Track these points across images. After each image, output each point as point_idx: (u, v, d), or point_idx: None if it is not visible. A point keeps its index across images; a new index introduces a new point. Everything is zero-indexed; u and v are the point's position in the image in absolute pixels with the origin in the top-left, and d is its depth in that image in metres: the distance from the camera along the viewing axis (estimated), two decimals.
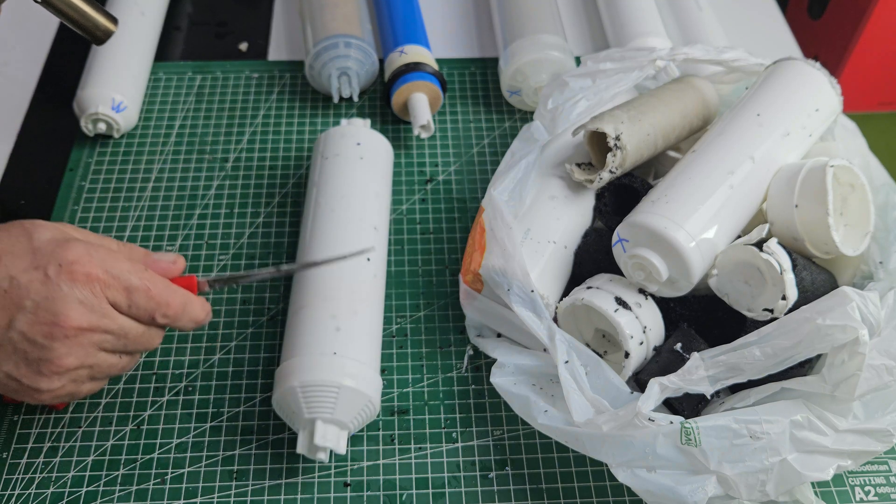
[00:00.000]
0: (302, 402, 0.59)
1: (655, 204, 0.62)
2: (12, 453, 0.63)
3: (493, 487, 0.63)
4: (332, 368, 0.60)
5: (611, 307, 0.62)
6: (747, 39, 0.97)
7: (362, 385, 0.60)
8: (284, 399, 0.60)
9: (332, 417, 0.59)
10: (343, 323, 0.63)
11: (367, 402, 0.61)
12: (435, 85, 0.84)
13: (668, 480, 0.56)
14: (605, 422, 0.57)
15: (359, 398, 0.60)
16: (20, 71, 0.92)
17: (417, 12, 0.92)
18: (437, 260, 0.77)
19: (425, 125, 0.81)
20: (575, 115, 0.72)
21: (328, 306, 0.63)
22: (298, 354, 0.61)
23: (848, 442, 0.57)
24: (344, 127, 0.76)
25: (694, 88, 0.76)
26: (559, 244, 0.68)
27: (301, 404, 0.59)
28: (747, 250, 0.60)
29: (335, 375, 0.59)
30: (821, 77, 0.70)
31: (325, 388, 0.59)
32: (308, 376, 0.59)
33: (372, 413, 0.62)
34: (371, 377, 0.61)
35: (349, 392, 0.59)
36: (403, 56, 0.85)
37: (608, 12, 0.96)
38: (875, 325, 0.56)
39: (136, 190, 0.81)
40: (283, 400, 0.60)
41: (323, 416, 0.59)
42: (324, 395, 0.59)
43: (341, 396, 0.59)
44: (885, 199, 0.70)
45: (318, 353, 0.60)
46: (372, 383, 0.61)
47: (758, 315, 0.61)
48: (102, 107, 0.81)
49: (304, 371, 0.60)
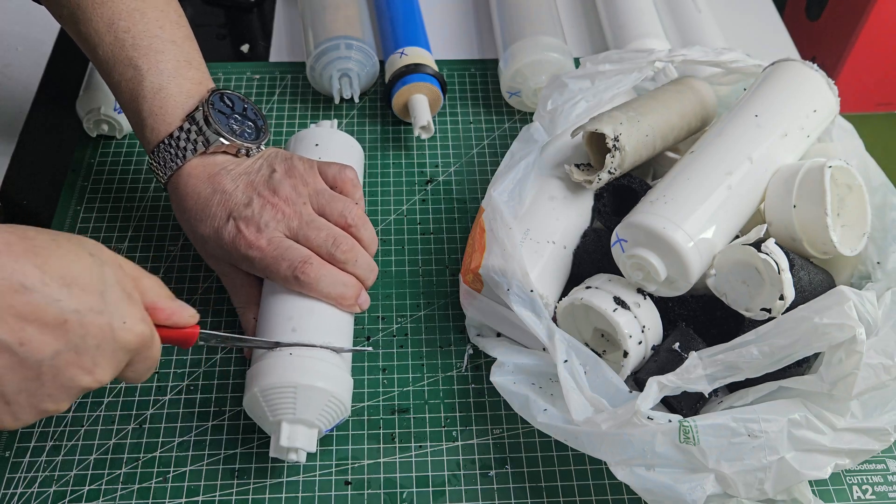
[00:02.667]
0: (264, 406, 0.60)
1: (654, 204, 0.63)
2: (15, 452, 0.64)
3: (493, 486, 0.64)
4: (287, 369, 0.60)
5: (609, 307, 0.62)
6: (745, 41, 0.97)
7: (321, 382, 0.60)
8: (250, 405, 0.61)
9: (296, 417, 0.59)
10: (299, 323, 0.63)
11: (330, 399, 0.60)
12: (435, 86, 0.84)
13: (667, 479, 0.57)
14: (604, 420, 0.57)
15: (320, 395, 0.60)
16: (22, 72, 0.92)
17: (418, 14, 0.93)
18: (437, 260, 0.77)
19: (425, 126, 0.81)
20: (574, 117, 0.72)
21: (285, 308, 0.64)
22: (258, 360, 0.62)
23: (846, 441, 0.58)
24: (306, 130, 0.77)
25: (692, 90, 0.76)
26: (558, 244, 0.68)
27: (264, 408, 0.60)
28: (745, 250, 0.61)
29: (291, 375, 0.59)
30: (819, 78, 0.71)
31: (283, 390, 0.59)
32: (266, 380, 0.60)
33: (341, 409, 0.62)
34: (332, 373, 0.61)
35: (307, 390, 0.59)
36: (404, 57, 0.85)
37: (607, 14, 0.96)
38: (872, 324, 0.57)
39: (139, 191, 0.81)
40: (250, 406, 0.61)
41: (287, 418, 0.59)
42: (282, 396, 0.59)
43: (300, 396, 0.59)
44: (883, 199, 0.70)
45: (275, 355, 0.61)
46: (334, 379, 0.61)
47: (756, 315, 0.61)
48: (105, 108, 0.82)
49: (262, 375, 0.60)
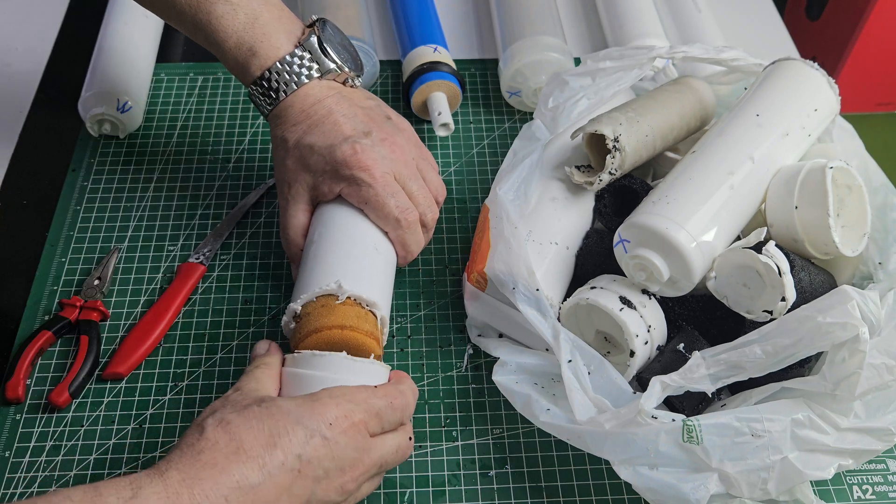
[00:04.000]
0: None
1: (656, 205, 0.62)
2: (15, 452, 0.64)
3: (493, 486, 0.63)
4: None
5: (616, 306, 0.62)
6: (745, 41, 0.97)
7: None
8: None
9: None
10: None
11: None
12: (454, 84, 0.84)
13: (670, 478, 0.56)
14: (608, 419, 0.57)
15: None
16: (23, 71, 0.92)
17: (433, 12, 0.93)
18: (437, 260, 0.77)
19: (447, 123, 0.81)
20: (576, 114, 0.72)
21: (366, 236, 0.67)
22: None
23: (849, 441, 0.58)
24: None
25: (691, 89, 0.76)
26: (561, 245, 0.68)
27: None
28: (746, 254, 0.61)
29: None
30: (819, 77, 0.71)
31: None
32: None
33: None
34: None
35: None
36: (436, 54, 0.85)
37: (607, 14, 0.96)
38: (875, 324, 0.57)
39: (138, 190, 0.81)
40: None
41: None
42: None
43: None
44: (884, 200, 0.70)
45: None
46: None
47: (757, 316, 0.61)
48: (108, 108, 0.81)
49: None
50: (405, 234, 0.67)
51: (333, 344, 0.60)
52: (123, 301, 0.73)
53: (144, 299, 0.73)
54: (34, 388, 0.67)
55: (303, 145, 0.67)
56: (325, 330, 0.60)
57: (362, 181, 0.65)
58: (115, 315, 0.72)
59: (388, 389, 0.58)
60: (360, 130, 0.67)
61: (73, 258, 0.75)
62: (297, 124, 0.67)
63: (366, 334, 0.61)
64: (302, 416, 0.53)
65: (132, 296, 0.73)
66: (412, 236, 0.68)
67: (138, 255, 0.76)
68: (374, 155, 0.66)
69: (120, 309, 0.72)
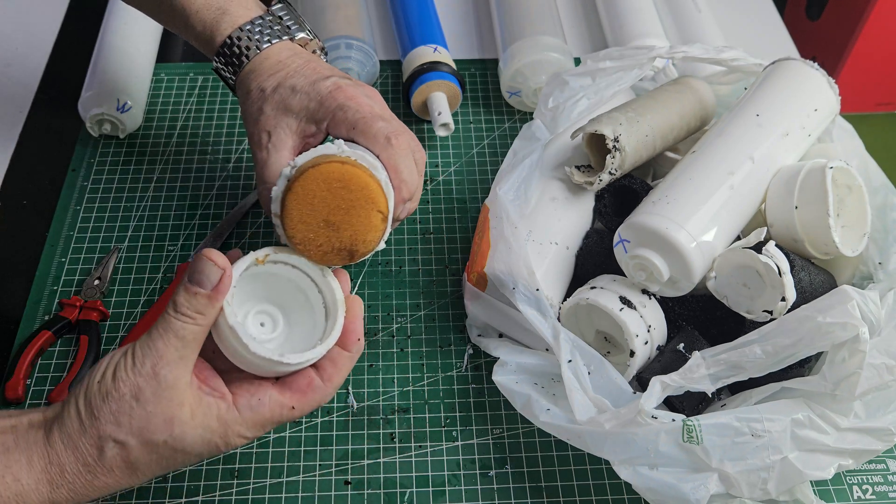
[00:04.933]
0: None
1: (656, 205, 0.63)
2: None
3: (493, 486, 0.63)
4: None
5: (616, 306, 0.62)
6: (745, 41, 0.97)
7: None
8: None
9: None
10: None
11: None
12: (454, 84, 0.84)
13: (670, 478, 0.56)
14: (608, 419, 0.57)
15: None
16: (23, 71, 0.92)
17: (434, 12, 0.93)
18: (437, 260, 0.77)
19: (447, 123, 0.81)
20: (576, 114, 0.72)
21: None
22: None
23: (849, 441, 0.58)
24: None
25: (691, 89, 0.76)
26: (561, 245, 0.68)
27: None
28: (746, 254, 0.61)
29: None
30: (819, 77, 0.71)
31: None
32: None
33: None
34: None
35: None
36: (436, 54, 0.85)
37: (607, 14, 0.96)
38: (875, 324, 0.57)
39: (138, 190, 0.81)
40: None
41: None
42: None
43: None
44: (884, 200, 0.70)
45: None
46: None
47: (757, 316, 0.61)
48: (108, 108, 0.81)
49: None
50: (397, 155, 0.61)
51: (332, 181, 0.53)
52: (123, 301, 0.73)
53: (144, 299, 0.73)
54: (34, 388, 0.67)
55: (283, 87, 0.64)
56: (322, 164, 0.53)
57: (348, 106, 0.62)
58: (115, 315, 0.72)
59: (302, 409, 0.56)
60: (340, 73, 0.65)
61: (73, 258, 0.75)
62: (275, 73, 0.65)
63: (369, 176, 0.55)
64: (205, 453, 0.53)
65: (132, 296, 0.73)
66: (404, 157, 0.62)
67: (138, 255, 0.76)
68: (357, 91, 0.64)
69: (120, 309, 0.72)
